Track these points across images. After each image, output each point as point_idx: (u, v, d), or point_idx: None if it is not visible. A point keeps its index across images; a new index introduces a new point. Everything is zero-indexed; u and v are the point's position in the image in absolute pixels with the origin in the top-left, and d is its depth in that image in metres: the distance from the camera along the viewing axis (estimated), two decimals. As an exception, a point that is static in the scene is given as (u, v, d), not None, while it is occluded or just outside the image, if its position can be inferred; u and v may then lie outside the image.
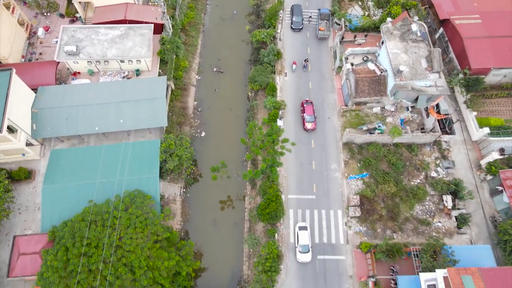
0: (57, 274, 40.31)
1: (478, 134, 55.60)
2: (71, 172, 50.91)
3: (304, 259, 48.40)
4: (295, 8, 67.05)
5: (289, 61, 63.07)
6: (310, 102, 58.26)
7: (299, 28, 66.16)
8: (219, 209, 55.03)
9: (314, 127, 56.79)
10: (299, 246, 48.68)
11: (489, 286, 36.22)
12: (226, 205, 55.32)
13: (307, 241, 48.77)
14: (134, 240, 42.36)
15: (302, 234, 49.17)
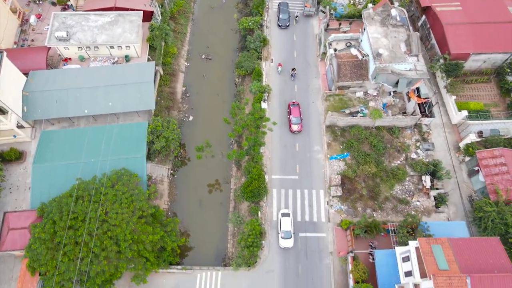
0: (44, 246, 41.82)
1: (457, 118, 57.20)
2: (60, 152, 52.36)
3: (286, 245, 49.50)
4: (282, 6, 67.55)
5: (276, 57, 64.35)
6: (296, 104, 58.05)
7: (286, 25, 66.86)
8: (205, 190, 56.55)
9: (300, 129, 56.67)
10: (282, 232, 49.70)
11: (457, 254, 37.76)
12: (212, 186, 56.82)
13: (289, 227, 49.82)
14: (119, 214, 43.83)
15: (284, 221, 50.20)
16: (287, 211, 51.36)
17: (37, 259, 41.96)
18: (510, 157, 50.57)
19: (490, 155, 51.09)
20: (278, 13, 67.66)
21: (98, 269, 41.10)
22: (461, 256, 37.70)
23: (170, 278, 48.92)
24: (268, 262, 49.68)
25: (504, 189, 48.67)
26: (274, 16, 68.50)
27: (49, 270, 41.55)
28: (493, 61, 59.53)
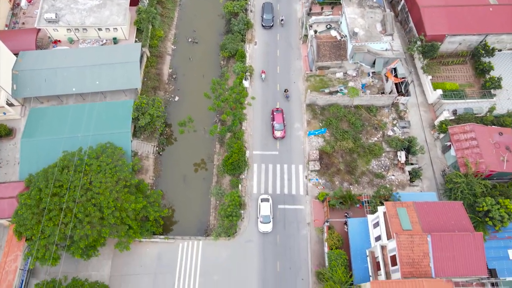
0: (30, 211, 43.77)
1: (433, 97, 59.30)
2: (48, 128, 54.28)
3: (265, 229, 50.72)
4: (266, 6, 67.45)
5: (260, 39, 66.29)
6: (280, 110, 57.78)
7: (270, 26, 66.70)
8: (189, 167, 58.48)
9: (283, 135, 56.55)
10: (261, 217, 50.94)
11: (421, 216, 39.80)
12: (196, 163, 58.73)
13: (268, 212, 51.00)
14: (103, 183, 45.73)
15: (263, 206, 51.41)
16: (266, 197, 52.51)
17: (23, 224, 43.88)
18: (480, 132, 52.67)
19: (461, 130, 53.19)
20: (262, 13, 67.26)
21: (81, 233, 42.98)
22: (425, 218, 39.76)
23: (153, 247, 50.95)
24: (248, 233, 51.71)
25: (473, 162, 50.74)
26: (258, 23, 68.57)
27: (35, 234, 43.45)
28: (469, 43, 61.61)
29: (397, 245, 37.48)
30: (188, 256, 50.36)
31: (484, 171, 49.85)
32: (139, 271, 49.46)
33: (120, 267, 49.70)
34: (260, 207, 51.54)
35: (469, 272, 37.19)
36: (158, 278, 49.12)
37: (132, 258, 50.12)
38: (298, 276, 49.05)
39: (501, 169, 50.53)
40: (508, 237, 47.75)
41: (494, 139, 52.76)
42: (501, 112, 57.88)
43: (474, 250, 37.59)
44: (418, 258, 37.14)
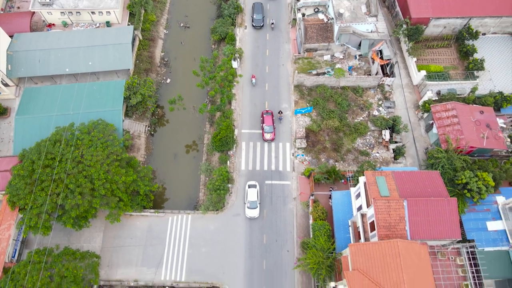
0: (23, 181, 45.25)
1: (418, 78, 60.88)
2: (42, 106, 55.75)
3: (252, 214, 51.42)
4: (256, 6, 67.27)
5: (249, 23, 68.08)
6: (269, 113, 57.64)
7: (260, 26, 66.40)
8: (180, 146, 60.03)
9: (273, 138, 56.37)
10: (248, 202, 51.77)
11: (399, 184, 41.34)
12: (187, 142, 60.28)
13: (255, 197, 51.80)
14: (94, 157, 47.23)
15: (251, 192, 52.18)
16: (253, 183, 53.35)
17: (16, 193, 45.34)
18: (461, 110, 54.24)
19: (443, 108, 54.75)
20: (252, 13, 67.18)
21: (73, 203, 44.42)
22: (403, 185, 41.32)
23: (144, 221, 52.46)
24: (235, 207, 53.24)
25: (454, 138, 52.30)
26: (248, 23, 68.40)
27: (27, 203, 44.89)
28: (453, 26, 63.20)
29: (375, 210, 39.05)
30: (178, 229, 51.88)
31: (464, 147, 51.40)
32: (129, 243, 50.96)
33: (111, 239, 51.20)
34: (247, 193, 52.19)
35: (443, 235, 38.78)
36: (148, 250, 50.63)
37: (123, 231, 51.64)
38: (283, 248, 50.60)
39: (481, 146, 52.08)
40: (487, 210, 49.31)
41: (475, 117, 54.34)
42: (483, 92, 59.49)
43: (449, 215, 39.19)
44: (394, 222, 38.72)
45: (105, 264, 49.44)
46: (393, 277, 35.10)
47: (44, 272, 41.69)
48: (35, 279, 40.67)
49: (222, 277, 49.01)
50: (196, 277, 49.10)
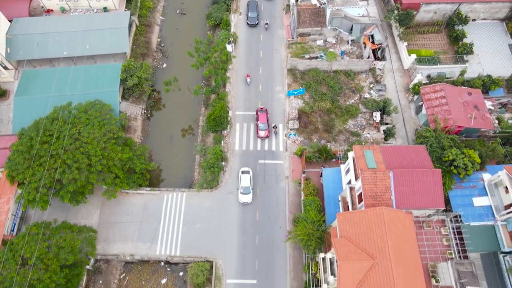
0: (21, 156, 46.55)
1: (408, 62, 62.25)
2: (40, 87, 57.09)
3: (245, 200, 52.23)
4: (251, 4, 67.75)
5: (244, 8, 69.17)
6: (264, 110, 57.83)
7: (255, 24, 66.68)
8: (175, 127, 61.35)
9: (267, 135, 56.50)
10: (241, 188, 52.54)
11: (386, 157, 42.62)
12: (182, 124, 61.60)
13: (248, 183, 52.58)
14: (91, 134, 48.52)
15: (244, 177, 52.98)
16: (247, 169, 54.24)
17: (15, 168, 46.66)
18: (450, 91, 55.60)
19: (432, 90, 56.11)
20: (247, 11, 67.60)
21: (70, 177, 45.72)
22: (389, 158, 42.63)
23: (140, 198, 53.79)
24: (229, 185, 54.58)
25: (442, 118, 53.59)
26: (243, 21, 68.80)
27: (26, 178, 46.18)
28: (443, 12, 64.52)
29: (362, 181, 40.40)
30: (173, 206, 53.21)
31: (452, 126, 52.74)
32: (126, 220, 52.31)
33: (108, 216, 52.53)
34: (241, 179, 53.08)
35: (427, 204, 40.16)
36: (143, 226, 51.97)
37: (119, 208, 52.97)
38: (276, 224, 51.94)
39: (468, 125, 53.43)
40: (473, 186, 50.57)
41: (463, 98, 55.69)
42: (472, 76, 60.80)
43: (433, 185, 40.55)
44: (380, 192, 40.07)
45: (102, 239, 50.78)
46: (378, 243, 36.43)
47: (42, 243, 42.96)
48: (33, 249, 41.94)
49: (216, 252, 50.33)
50: (190, 252, 50.42)
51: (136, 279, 51.41)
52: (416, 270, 36.88)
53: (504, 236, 46.71)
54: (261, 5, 70.00)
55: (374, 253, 36.25)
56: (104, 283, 50.10)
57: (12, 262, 41.55)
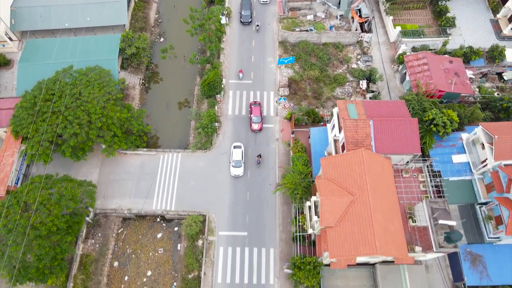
0: (26, 112, 49.42)
1: (394, 35, 65.35)
2: (43, 55, 60.01)
3: (237, 173, 54.19)
4: (244, 2, 68.67)
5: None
6: (258, 104, 58.96)
7: (248, 22, 67.76)
8: (172, 96, 64.27)
9: (260, 128, 57.51)
10: (233, 161, 54.54)
11: (367, 110, 45.47)
12: (178, 93, 64.53)
13: (239, 157, 54.70)
14: (91, 94, 51.44)
15: (236, 152, 55.06)
16: (239, 144, 56.47)
17: (20, 124, 49.50)
18: (431, 59, 58.57)
19: (415, 57, 59.12)
20: (240, 9, 68.66)
21: (71, 131, 48.53)
22: (370, 110, 45.57)
23: (137, 159, 56.57)
24: (222, 147, 57.41)
25: (424, 83, 56.54)
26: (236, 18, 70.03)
27: (30, 132, 48.98)
28: (428, -12, 67.82)
29: (344, 129, 43.32)
30: (168, 166, 55.98)
31: (433, 90, 55.71)
32: (124, 178, 55.04)
33: (106, 174, 55.27)
34: (233, 153, 55.23)
35: (405, 150, 43.08)
36: (140, 183, 54.71)
37: (117, 167, 55.74)
38: (266, 182, 54.71)
39: (449, 90, 56.37)
40: (452, 145, 53.53)
41: (444, 66, 58.66)
42: (454, 47, 63.88)
43: (410, 133, 43.49)
44: (361, 139, 42.96)
45: (101, 195, 53.48)
46: (358, 181, 39.30)
47: (44, 190, 45.65)
48: (36, 195, 44.62)
49: (209, 207, 53.05)
50: (184, 207, 53.13)
51: (133, 234, 54.14)
52: (393, 207, 39.75)
53: (480, 189, 49.67)
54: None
55: (354, 190, 39.11)
56: (102, 236, 52.77)
57: (16, 207, 44.20)
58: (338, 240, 38.08)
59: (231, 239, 51.21)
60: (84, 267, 49.71)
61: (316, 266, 44.00)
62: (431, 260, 47.30)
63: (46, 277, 44.27)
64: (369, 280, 45.26)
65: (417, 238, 41.68)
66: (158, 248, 53.16)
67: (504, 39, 65.79)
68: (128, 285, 51.01)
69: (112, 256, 52.65)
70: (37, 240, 42.85)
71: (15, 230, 42.86)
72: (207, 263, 49.62)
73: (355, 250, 36.83)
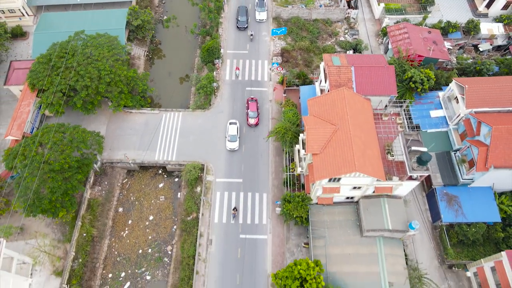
0: (42, 66, 54.55)
1: (378, 12, 71.26)
2: (56, 26, 65.51)
3: (232, 147, 57.68)
4: (241, 9, 72.12)
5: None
6: (254, 100, 61.72)
7: (244, 27, 70.78)
8: (174, 66, 69.58)
9: (256, 122, 60.12)
10: (228, 136, 58.19)
11: (350, 60, 50.61)
12: (180, 64, 69.84)
13: (235, 132, 58.32)
14: (101, 54, 56.71)
15: (231, 127, 58.72)
16: (234, 121, 59.79)
17: (36, 77, 54.52)
18: (411, 29, 64.06)
19: (396, 28, 64.66)
20: (237, 16, 71.87)
21: (82, 83, 53.53)
22: (352, 60, 50.74)
23: (141, 117, 61.42)
24: (220, 107, 62.38)
25: (404, 49, 61.97)
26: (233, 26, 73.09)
27: (45, 84, 53.97)
28: (409, -29, 74.06)
29: (328, 74, 48.43)
30: (170, 123, 60.78)
31: (412, 54, 61.02)
32: (129, 133, 59.75)
33: (113, 130, 59.99)
34: (228, 129, 58.80)
35: (382, 92, 48.09)
36: (144, 138, 59.37)
37: (123, 124, 60.52)
38: (260, 136, 59.42)
39: (427, 55, 61.59)
40: (430, 102, 58.43)
41: (424, 35, 64.18)
42: (433, 21, 69.64)
43: (387, 78, 48.53)
44: (343, 82, 47.96)
45: (107, 147, 58.03)
46: (339, 113, 44.08)
47: (57, 134, 50.30)
48: (50, 135, 49.28)
49: (207, 158, 57.62)
50: (184, 158, 57.66)
51: (137, 184, 58.55)
52: (372, 138, 44.36)
53: (455, 138, 54.42)
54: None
55: (336, 121, 43.87)
56: (108, 184, 57.10)
57: (32, 146, 48.80)
58: (322, 164, 42.58)
59: (227, 185, 55.58)
60: (91, 209, 53.87)
61: (304, 199, 48.31)
62: (409, 195, 51.62)
63: (58, 210, 48.45)
64: (353, 215, 49.45)
65: (395, 171, 46.11)
66: (159, 196, 57.45)
67: (480, 16, 71.66)
68: (132, 228, 55.11)
69: (117, 202, 56.92)
70: (51, 174, 47.18)
71: (31, 165, 47.30)
72: (205, 205, 53.82)
73: (338, 170, 41.30)
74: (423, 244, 52.01)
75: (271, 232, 52.27)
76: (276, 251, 51.09)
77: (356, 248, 47.59)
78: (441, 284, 49.52)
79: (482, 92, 50.98)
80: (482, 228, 49.48)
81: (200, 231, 51.90)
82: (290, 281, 41.43)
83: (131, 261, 52.85)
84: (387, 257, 46.82)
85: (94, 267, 51.60)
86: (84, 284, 49.63)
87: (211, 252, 51.06)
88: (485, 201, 51.27)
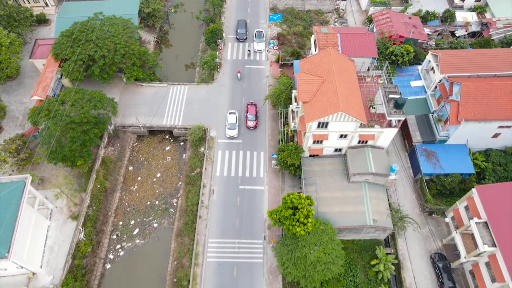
0: (65, 39, 61.75)
1: (364, 4, 79.43)
2: (76, 12, 73.28)
3: (231, 134, 61.86)
4: (240, 22, 76.98)
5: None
6: (254, 104, 64.98)
7: (243, 39, 75.60)
8: (181, 50, 77.00)
9: (255, 125, 63.24)
10: (228, 124, 62.57)
11: (336, 29, 57.91)
12: (186, 48, 77.26)
13: (234, 121, 62.75)
14: (117, 30, 64.10)
15: (231, 117, 63.18)
16: (233, 111, 64.20)
17: (60, 47, 61.60)
18: (394, 15, 71.68)
19: (380, 14, 72.47)
20: (236, 28, 76.65)
21: (100, 53, 60.55)
22: (338, 30, 57.87)
23: (151, 89, 68.04)
24: (222, 81, 69.17)
25: (387, 31, 69.39)
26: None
27: (68, 54, 60.95)
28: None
29: (317, 39, 55.36)
30: (177, 94, 67.35)
31: (394, 35, 68.37)
32: (140, 103, 66.16)
33: (125, 101, 66.40)
34: (228, 118, 63.26)
35: (365, 54, 54.87)
36: (153, 107, 65.71)
37: (134, 95, 67.04)
38: (258, 105, 65.86)
39: (408, 36, 68.90)
40: (410, 74, 65.23)
41: (404, 20, 71.87)
42: (414, 11, 77.62)
43: (369, 43, 55.45)
44: (330, 46, 54.78)
45: (120, 114, 64.25)
46: (326, 68, 50.65)
47: (77, 93, 56.77)
48: (71, 94, 55.74)
49: (210, 122, 63.79)
50: (189, 122, 63.82)
51: (146, 147, 64.46)
52: (355, 90, 50.69)
53: (432, 103, 60.84)
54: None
55: (323, 75, 50.40)
56: (120, 146, 63.00)
57: (55, 103, 55.16)
58: (312, 109, 48.74)
59: (228, 145, 61.51)
60: (105, 164, 59.50)
61: (297, 148, 54.12)
62: (390, 146, 57.39)
63: (76, 159, 54.20)
64: (341, 165, 55.05)
65: (376, 121, 52.17)
66: (166, 157, 63.25)
67: (456, 8, 79.72)
68: (141, 183, 60.59)
69: (128, 162, 62.66)
70: (72, 125, 53.27)
71: (54, 117, 53.49)
72: (208, 161, 59.52)
73: (324, 112, 47.41)
74: (406, 195, 57.27)
75: (267, 183, 57.71)
76: (272, 200, 56.34)
77: (344, 192, 52.90)
78: (422, 229, 54.44)
79: (454, 59, 57.79)
80: (457, 178, 54.89)
81: (203, 182, 57.34)
82: (284, 210, 46.59)
83: (140, 211, 57.97)
84: (371, 199, 52.04)
85: (106, 215, 56.71)
86: (98, 227, 54.61)
87: (213, 200, 56.33)
88: (460, 156, 57.00)
